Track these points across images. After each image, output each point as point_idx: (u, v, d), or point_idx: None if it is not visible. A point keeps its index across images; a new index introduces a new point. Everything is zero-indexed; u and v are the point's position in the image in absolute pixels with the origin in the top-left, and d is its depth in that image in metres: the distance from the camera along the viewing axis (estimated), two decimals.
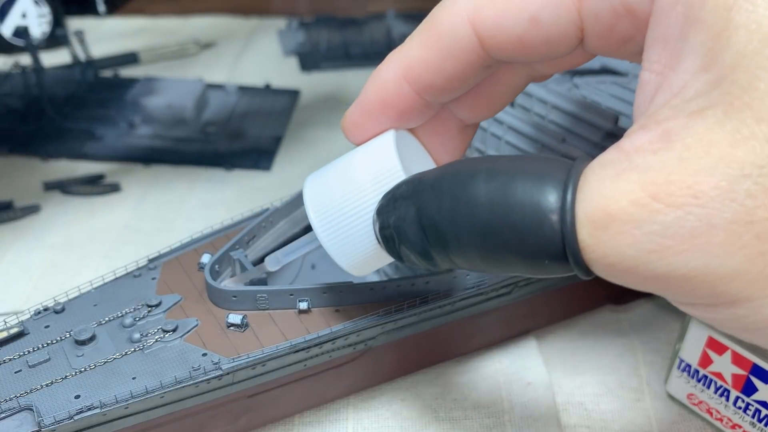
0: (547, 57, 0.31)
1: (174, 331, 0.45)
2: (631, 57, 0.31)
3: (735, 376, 0.47)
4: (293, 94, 0.96)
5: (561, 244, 0.26)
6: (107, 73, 0.99)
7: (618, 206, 0.24)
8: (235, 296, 0.47)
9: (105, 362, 0.43)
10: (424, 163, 0.38)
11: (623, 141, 0.26)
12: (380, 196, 0.34)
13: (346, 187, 0.36)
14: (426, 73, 0.33)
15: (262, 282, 0.48)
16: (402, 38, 1.05)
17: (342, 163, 0.37)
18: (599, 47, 0.31)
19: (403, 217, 0.32)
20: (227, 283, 0.49)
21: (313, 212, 0.37)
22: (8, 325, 0.46)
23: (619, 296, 0.61)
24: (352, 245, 0.37)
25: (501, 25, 0.30)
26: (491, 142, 0.60)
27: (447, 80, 0.33)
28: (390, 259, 0.37)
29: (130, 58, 1.03)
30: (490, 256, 0.29)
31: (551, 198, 0.26)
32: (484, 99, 0.37)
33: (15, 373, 0.43)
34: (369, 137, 0.37)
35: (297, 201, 0.56)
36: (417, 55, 0.33)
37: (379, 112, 0.35)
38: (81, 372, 0.43)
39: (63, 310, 0.48)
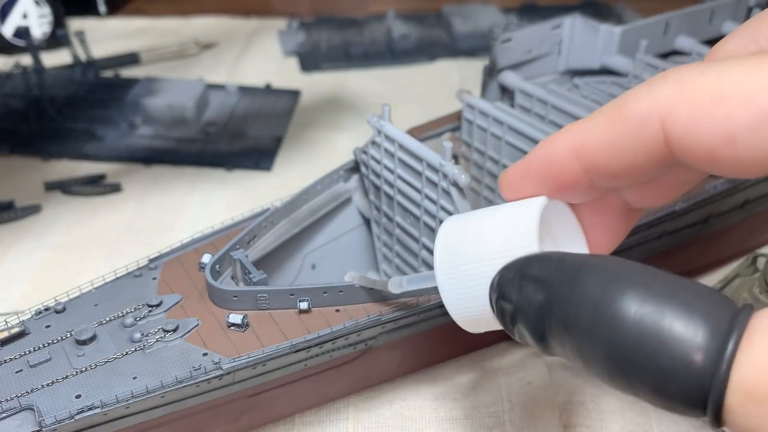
0: (735, 174, 0.28)
1: (174, 330, 0.45)
2: None
3: None
4: (294, 95, 0.96)
5: (704, 398, 0.24)
6: (108, 74, 0.99)
7: None
8: (235, 296, 0.47)
9: (106, 362, 0.44)
10: (574, 240, 0.36)
11: None
12: (507, 261, 0.32)
13: (477, 240, 0.34)
14: (600, 157, 0.31)
15: (263, 282, 0.48)
16: (402, 38, 1.06)
17: (483, 215, 0.35)
18: None
19: (530, 300, 0.30)
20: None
21: (439, 254, 0.35)
22: (9, 324, 0.46)
23: None
24: (466, 301, 0.35)
25: (693, 133, 0.27)
26: (491, 142, 0.60)
27: (621, 169, 0.30)
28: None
29: (131, 59, 1.03)
30: (619, 379, 0.27)
31: (707, 346, 0.24)
32: (657, 188, 0.34)
33: (16, 372, 0.43)
34: (522, 197, 0.35)
35: (297, 201, 0.56)
36: (595, 135, 0.31)
37: (540, 180, 0.33)
38: (82, 372, 0.43)
39: (64, 309, 0.48)
